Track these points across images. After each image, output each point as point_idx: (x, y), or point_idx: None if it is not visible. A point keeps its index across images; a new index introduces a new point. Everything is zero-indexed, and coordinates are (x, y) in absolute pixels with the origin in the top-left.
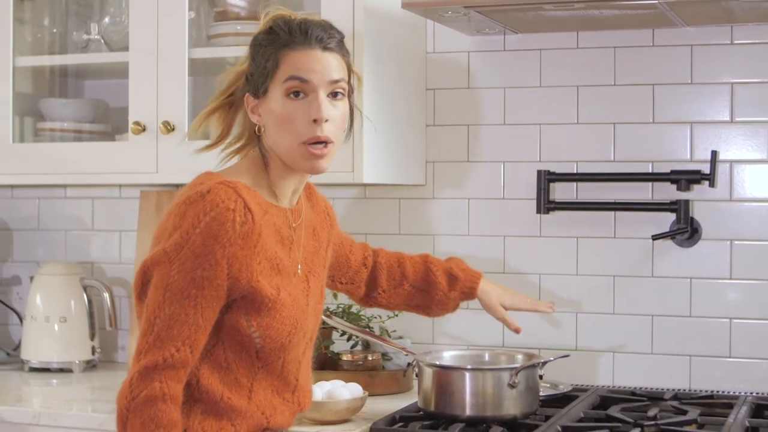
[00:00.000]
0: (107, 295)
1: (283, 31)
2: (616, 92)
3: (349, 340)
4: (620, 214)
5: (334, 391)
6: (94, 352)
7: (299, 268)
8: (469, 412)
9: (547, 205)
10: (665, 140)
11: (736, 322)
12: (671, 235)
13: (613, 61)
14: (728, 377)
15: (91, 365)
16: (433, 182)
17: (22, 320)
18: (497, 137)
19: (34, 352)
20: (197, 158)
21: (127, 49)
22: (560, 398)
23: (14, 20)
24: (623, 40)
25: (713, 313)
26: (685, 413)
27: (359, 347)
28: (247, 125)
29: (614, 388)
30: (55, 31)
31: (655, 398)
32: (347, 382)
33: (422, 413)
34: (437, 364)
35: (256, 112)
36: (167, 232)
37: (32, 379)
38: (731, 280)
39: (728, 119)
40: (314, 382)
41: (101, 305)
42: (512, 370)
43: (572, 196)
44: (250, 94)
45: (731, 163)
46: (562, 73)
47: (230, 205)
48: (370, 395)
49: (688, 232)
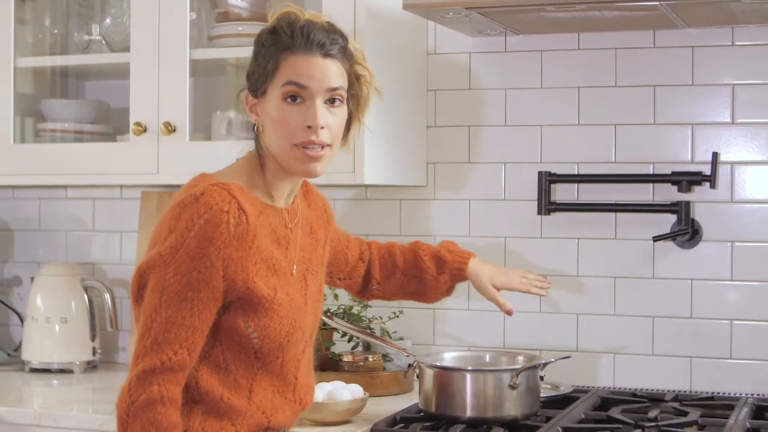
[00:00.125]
0: (108, 295)
1: (285, 33)
2: (617, 93)
3: (349, 341)
4: (621, 215)
5: (334, 392)
6: (94, 352)
7: (294, 268)
8: (469, 413)
9: (548, 206)
10: (666, 141)
11: (736, 323)
12: (672, 236)
13: (614, 62)
14: (729, 378)
15: (91, 366)
16: (434, 183)
17: (22, 321)
18: (498, 138)
19: (34, 352)
20: (198, 159)
21: (128, 49)
22: (561, 399)
23: (15, 21)
24: (624, 41)
25: (714, 314)
26: (685, 414)
27: (360, 348)
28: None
29: (615, 389)
30: (56, 31)
31: (655, 399)
32: (348, 383)
33: (423, 414)
34: (438, 365)
35: (254, 110)
36: (162, 235)
37: (33, 379)
38: (732, 281)
39: (729, 121)
40: (315, 381)
41: (102, 306)
42: (513, 371)
43: (573, 197)
44: (249, 92)
45: (732, 164)
46: (563, 74)
47: (224, 206)
48: (370, 396)
49: (688, 233)
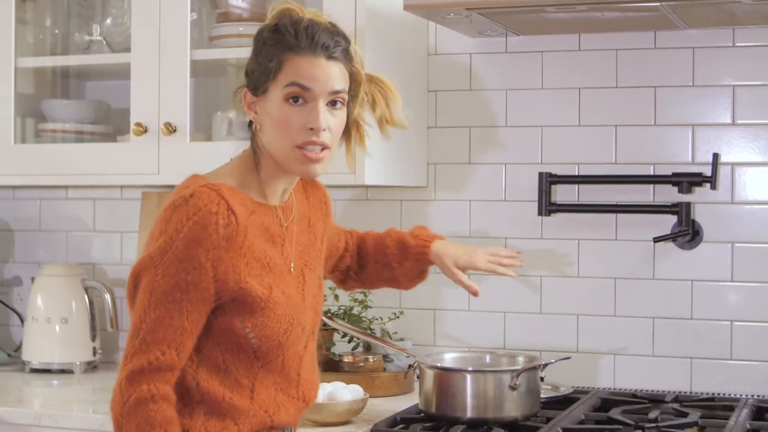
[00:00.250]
0: (108, 296)
1: (289, 33)
2: (617, 94)
3: (350, 341)
4: (621, 216)
5: (335, 392)
6: (95, 353)
7: (292, 265)
8: (470, 414)
9: (548, 207)
10: (667, 142)
11: (737, 324)
12: (672, 237)
13: (614, 63)
14: (729, 380)
15: (92, 366)
16: (434, 184)
17: (23, 321)
18: (499, 139)
19: (35, 353)
20: (199, 159)
21: (128, 50)
22: (561, 400)
23: (16, 21)
24: (625, 42)
25: (714, 315)
26: (686, 416)
27: (360, 349)
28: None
29: (615, 390)
30: (57, 32)
31: (656, 400)
32: (348, 383)
33: (423, 415)
34: (438, 366)
35: (252, 108)
36: (154, 237)
37: (33, 380)
38: (732, 282)
39: (730, 122)
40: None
41: (102, 306)
42: (513, 372)
43: (574, 198)
44: (248, 90)
45: (733, 165)
46: (564, 75)
47: (212, 208)
48: (371, 397)
49: (689, 234)
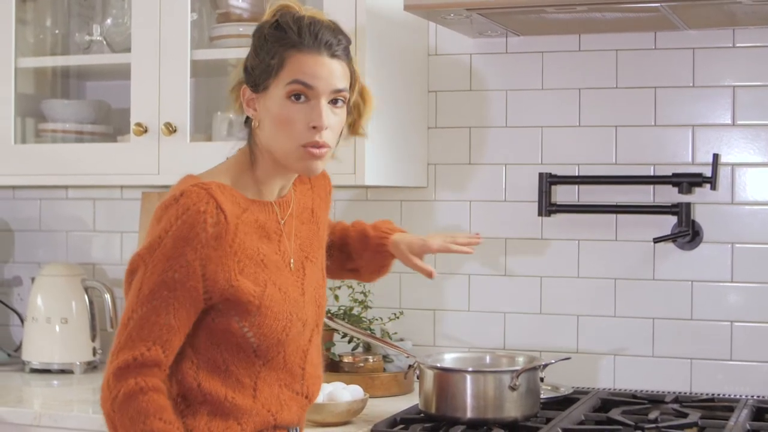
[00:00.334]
0: (108, 296)
1: (291, 30)
2: (617, 95)
3: (350, 342)
4: (622, 216)
5: (334, 393)
6: (95, 353)
7: (292, 261)
8: (470, 414)
9: (548, 207)
10: (667, 143)
11: (737, 325)
12: (673, 238)
13: (615, 63)
14: (729, 380)
15: (92, 366)
16: (434, 184)
17: (23, 321)
18: (499, 139)
19: (35, 353)
20: (199, 159)
21: (129, 50)
22: (561, 401)
23: (16, 21)
24: (625, 42)
25: (714, 316)
26: (685, 416)
27: (360, 349)
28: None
29: (615, 390)
30: (57, 32)
31: (655, 401)
32: (348, 384)
33: (423, 415)
34: (438, 366)
35: (251, 105)
36: (147, 236)
37: (33, 380)
38: (732, 283)
39: (730, 122)
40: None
41: (102, 306)
42: (513, 372)
43: (574, 198)
44: (248, 86)
45: (733, 166)
46: (564, 75)
47: (201, 207)
48: (370, 397)
49: (689, 235)
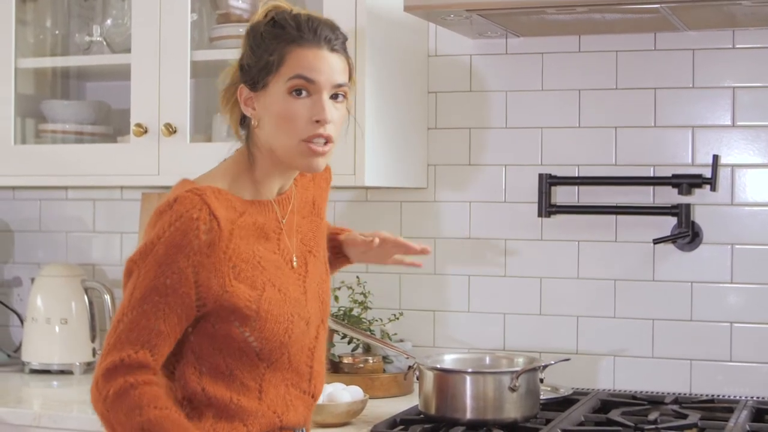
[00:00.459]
0: (108, 296)
1: (290, 25)
2: (617, 96)
3: (350, 343)
4: (621, 217)
5: (334, 393)
6: (94, 353)
7: (294, 259)
8: (469, 415)
9: (548, 208)
10: (667, 144)
11: (736, 326)
12: (672, 239)
13: (615, 64)
14: (729, 381)
15: (91, 367)
16: (434, 185)
17: (22, 322)
18: (499, 140)
19: (34, 353)
20: (199, 160)
21: (129, 50)
22: (561, 402)
23: (16, 21)
24: (625, 43)
25: (714, 317)
26: (685, 417)
27: (360, 350)
28: (238, 112)
29: (615, 391)
30: (57, 32)
31: (655, 402)
32: (348, 385)
33: (423, 416)
34: (438, 367)
35: (250, 104)
36: (141, 241)
37: (33, 380)
38: (732, 284)
39: (730, 123)
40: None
41: (102, 307)
42: (513, 373)
43: (574, 199)
44: (246, 85)
45: (732, 167)
46: (564, 76)
47: (194, 213)
48: (370, 398)
49: (689, 236)
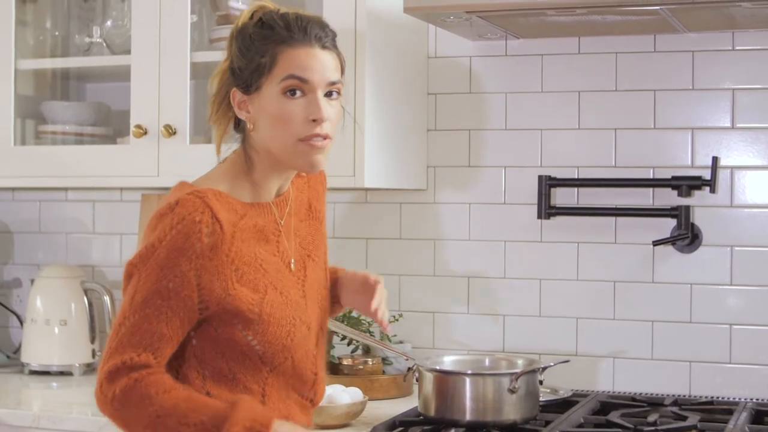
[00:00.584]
0: (108, 298)
1: (279, 26)
2: (617, 98)
3: (349, 344)
4: (621, 219)
5: (334, 395)
6: (94, 355)
7: (292, 261)
8: (469, 417)
9: (548, 210)
10: (666, 146)
11: (736, 328)
12: (672, 240)
13: (614, 66)
14: (728, 383)
15: (91, 368)
16: (434, 187)
17: (22, 323)
18: (499, 142)
19: (34, 354)
20: (199, 162)
21: (129, 52)
22: (560, 403)
23: (16, 23)
24: (625, 45)
25: (713, 319)
26: (685, 419)
27: (359, 352)
28: (226, 122)
29: (614, 393)
30: (57, 33)
31: (655, 404)
32: (347, 386)
33: (422, 418)
34: (437, 369)
35: (243, 108)
36: (141, 244)
37: (32, 382)
38: (732, 286)
39: (729, 125)
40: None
41: (102, 308)
42: (512, 375)
43: (573, 201)
44: (238, 89)
45: (732, 169)
46: (563, 78)
47: (196, 216)
48: (370, 400)
49: (688, 237)
